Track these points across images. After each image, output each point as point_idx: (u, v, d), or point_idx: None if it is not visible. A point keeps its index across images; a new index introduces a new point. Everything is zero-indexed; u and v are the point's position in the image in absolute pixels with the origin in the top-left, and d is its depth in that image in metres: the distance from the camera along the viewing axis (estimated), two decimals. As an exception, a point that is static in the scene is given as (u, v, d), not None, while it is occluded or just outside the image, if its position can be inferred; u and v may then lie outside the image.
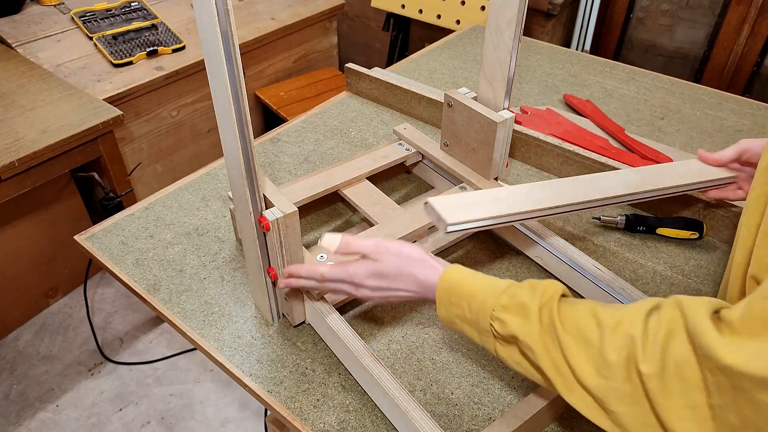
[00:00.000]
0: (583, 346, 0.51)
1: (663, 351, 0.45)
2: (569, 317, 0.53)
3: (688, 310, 0.45)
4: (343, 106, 1.20)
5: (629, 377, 0.47)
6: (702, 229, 0.88)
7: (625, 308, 0.51)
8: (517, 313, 0.55)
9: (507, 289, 0.57)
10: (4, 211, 1.56)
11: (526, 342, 0.54)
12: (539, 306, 0.54)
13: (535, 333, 0.53)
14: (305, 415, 0.67)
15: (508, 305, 0.55)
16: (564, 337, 0.51)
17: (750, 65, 2.02)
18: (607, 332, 0.49)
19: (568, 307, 0.54)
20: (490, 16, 0.78)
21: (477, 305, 0.57)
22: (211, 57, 0.54)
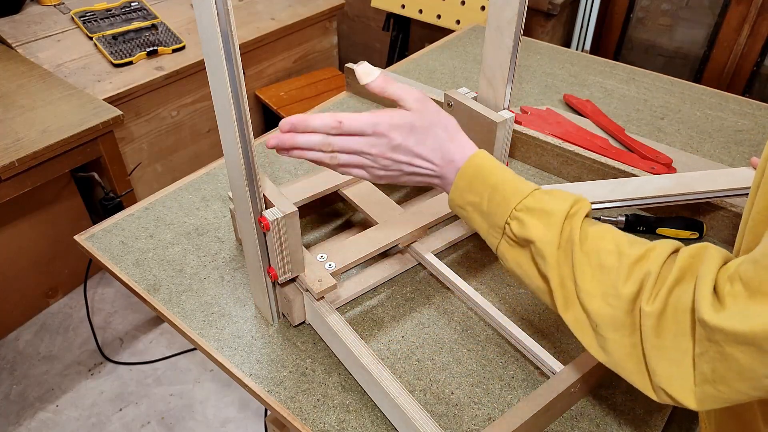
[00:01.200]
0: (597, 270, 0.50)
1: (668, 293, 0.46)
2: (591, 237, 0.52)
3: (707, 260, 0.45)
4: (343, 106, 1.20)
5: (631, 310, 0.48)
6: (702, 229, 0.88)
7: (651, 246, 0.50)
8: (540, 218, 0.53)
9: (534, 192, 0.55)
10: (4, 211, 1.56)
11: (541, 249, 0.52)
12: (565, 216, 0.52)
13: (553, 242, 0.52)
14: (305, 415, 0.67)
15: (532, 207, 0.53)
16: (579, 256, 0.51)
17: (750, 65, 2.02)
18: (626, 264, 0.49)
19: (593, 227, 0.53)
20: (490, 16, 0.78)
21: (499, 198, 0.55)
22: (211, 57, 0.54)
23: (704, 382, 0.45)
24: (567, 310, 0.52)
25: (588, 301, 0.50)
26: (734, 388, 0.43)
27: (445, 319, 0.78)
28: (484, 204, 0.56)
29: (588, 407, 0.68)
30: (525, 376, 0.71)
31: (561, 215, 0.52)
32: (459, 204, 0.59)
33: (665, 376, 0.47)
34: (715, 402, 0.45)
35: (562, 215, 0.52)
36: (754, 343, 0.40)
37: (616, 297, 0.48)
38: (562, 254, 0.52)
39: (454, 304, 0.80)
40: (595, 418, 0.67)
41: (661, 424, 0.66)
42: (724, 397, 0.44)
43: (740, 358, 0.41)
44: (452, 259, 0.87)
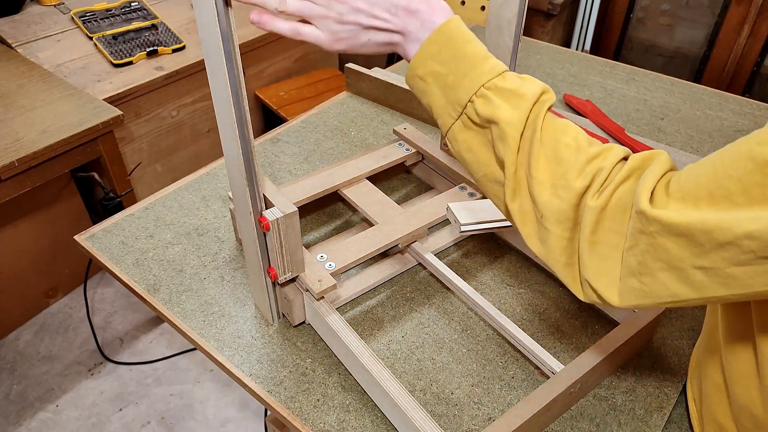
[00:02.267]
0: (552, 162, 0.49)
1: (613, 190, 0.47)
2: (553, 129, 0.50)
3: (654, 163, 0.46)
4: (343, 106, 1.20)
5: (578, 204, 0.48)
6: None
7: (608, 146, 0.50)
8: (509, 100, 0.50)
9: (505, 72, 0.52)
10: (4, 211, 1.56)
11: (505, 131, 0.50)
12: (534, 102, 0.50)
13: (518, 126, 0.50)
14: (305, 415, 0.67)
15: (502, 87, 0.50)
16: (537, 145, 0.50)
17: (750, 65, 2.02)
18: (582, 159, 0.48)
19: (555, 120, 0.51)
20: (490, 16, 0.78)
21: (467, 71, 0.51)
22: (211, 57, 0.54)
23: (629, 275, 0.46)
24: (514, 199, 0.51)
25: (538, 191, 0.49)
26: (659, 280, 0.44)
27: (445, 319, 0.78)
28: (450, 76, 0.51)
29: (588, 407, 0.68)
30: (525, 376, 0.71)
31: (531, 100, 0.50)
32: (419, 74, 0.53)
33: (593, 270, 0.48)
34: (637, 297, 0.46)
35: (531, 100, 0.50)
36: (687, 234, 0.41)
37: (567, 189, 0.48)
38: (523, 140, 0.50)
39: (454, 304, 0.80)
40: (595, 418, 0.67)
41: (661, 423, 0.66)
42: (646, 290, 0.45)
43: (671, 248, 0.42)
44: (452, 259, 0.87)
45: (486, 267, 0.85)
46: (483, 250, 0.88)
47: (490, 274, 0.84)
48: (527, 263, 0.86)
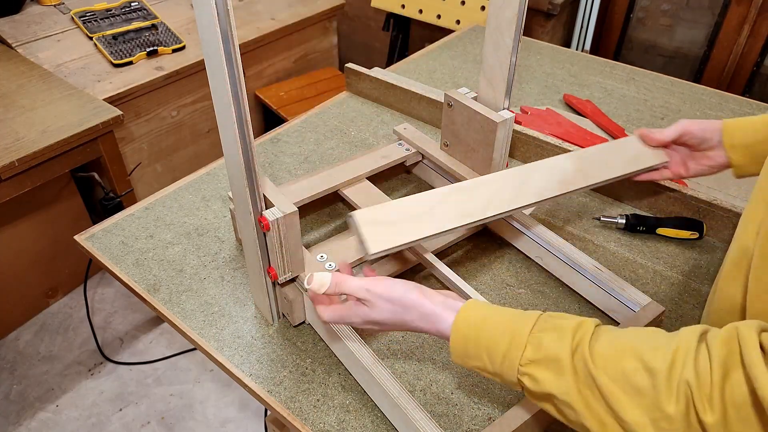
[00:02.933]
0: (633, 396, 0.44)
1: (721, 395, 0.41)
2: (610, 361, 0.46)
3: (742, 339, 0.41)
4: (343, 106, 1.20)
5: (689, 426, 0.42)
6: (702, 229, 0.88)
7: (674, 347, 0.45)
8: (547, 367, 0.48)
9: (530, 336, 0.50)
10: (4, 211, 1.56)
11: (563, 400, 0.48)
12: (571, 353, 0.48)
13: (572, 389, 0.47)
14: (305, 415, 0.67)
15: (535, 359, 0.49)
16: (607, 387, 0.45)
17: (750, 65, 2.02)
18: (661, 379, 0.43)
19: (606, 348, 0.47)
20: (490, 16, 0.78)
21: (499, 358, 0.51)
22: (211, 57, 0.54)
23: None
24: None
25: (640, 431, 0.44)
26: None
27: (445, 319, 0.77)
28: (488, 366, 0.52)
29: (588, 407, 0.68)
30: (525, 376, 0.71)
31: (567, 355, 0.48)
32: (466, 367, 0.55)
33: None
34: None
35: (568, 354, 0.48)
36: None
37: (667, 419, 0.43)
38: (589, 394, 0.47)
39: (454, 304, 0.80)
40: (595, 418, 0.67)
41: (661, 424, 0.66)
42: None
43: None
44: (452, 259, 0.87)
45: (486, 267, 0.85)
46: (483, 250, 0.88)
47: (490, 274, 0.84)
48: (527, 263, 0.86)
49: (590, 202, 0.97)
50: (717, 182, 1.02)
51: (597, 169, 0.79)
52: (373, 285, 0.58)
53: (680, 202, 0.90)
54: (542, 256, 0.83)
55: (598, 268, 0.76)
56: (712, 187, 1.01)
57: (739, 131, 0.75)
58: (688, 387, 0.42)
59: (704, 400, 0.41)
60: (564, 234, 0.91)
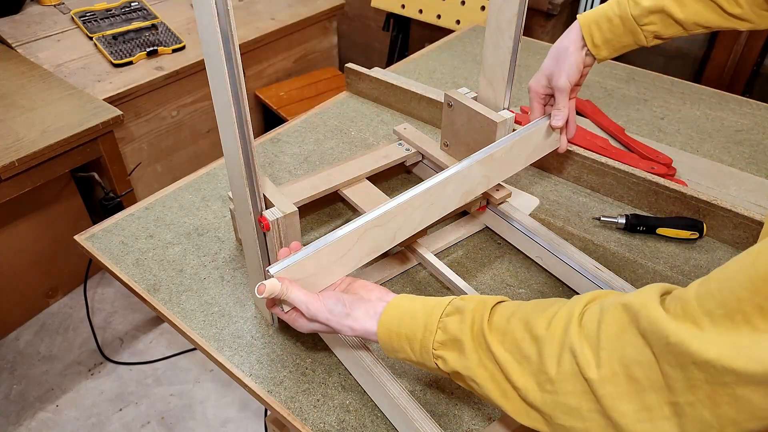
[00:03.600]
0: (523, 363, 0.48)
1: (611, 353, 0.43)
2: (506, 334, 0.50)
3: (637, 305, 0.43)
4: (343, 106, 1.20)
5: (575, 389, 0.45)
6: (702, 229, 0.88)
7: (559, 312, 0.48)
8: (453, 348, 0.53)
9: (440, 321, 0.54)
10: (4, 211, 1.56)
11: (468, 375, 0.52)
12: (470, 332, 0.52)
13: (474, 364, 0.51)
14: (305, 415, 0.67)
15: (443, 341, 0.53)
16: (503, 357, 0.49)
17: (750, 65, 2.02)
18: (545, 344, 0.47)
19: (502, 322, 0.51)
20: (490, 16, 0.78)
21: (418, 347, 0.55)
22: (211, 57, 0.54)
23: (709, 429, 0.40)
24: (522, 415, 0.50)
25: (531, 397, 0.48)
26: (744, 429, 0.39)
27: (445, 319, 0.77)
28: (412, 356, 0.56)
29: (588, 407, 0.68)
30: (525, 376, 0.71)
31: (467, 334, 0.52)
32: (396, 358, 0.59)
33: None
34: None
35: (468, 334, 0.52)
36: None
37: (549, 381, 0.46)
38: (490, 365, 0.50)
39: (454, 304, 0.80)
40: (595, 418, 0.67)
41: (661, 424, 0.66)
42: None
43: (754, 398, 0.37)
44: (452, 259, 0.87)
45: (486, 267, 0.85)
46: (483, 250, 0.88)
47: (490, 274, 0.84)
48: (527, 263, 0.86)
49: (590, 202, 0.97)
50: (717, 182, 1.02)
51: (501, 169, 0.80)
52: (311, 301, 0.60)
53: (680, 202, 0.90)
54: (542, 256, 0.83)
55: (598, 268, 0.76)
56: (711, 187, 1.01)
57: (597, 33, 0.79)
58: (572, 348, 0.45)
59: (590, 357, 0.44)
60: (564, 234, 0.91)
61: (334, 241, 0.63)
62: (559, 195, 0.98)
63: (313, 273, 0.62)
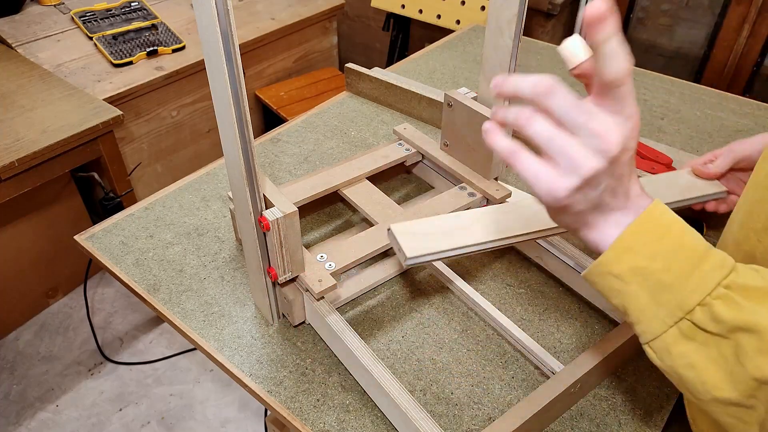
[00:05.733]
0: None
1: None
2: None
3: None
4: (343, 106, 1.20)
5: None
6: (702, 229, 0.88)
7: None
8: (763, 301, 0.39)
9: (738, 265, 0.41)
10: (4, 211, 1.56)
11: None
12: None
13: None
14: (305, 415, 0.67)
15: (749, 286, 0.39)
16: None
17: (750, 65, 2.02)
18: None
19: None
20: (490, 16, 0.78)
21: (689, 267, 0.40)
22: (211, 57, 0.54)
23: None
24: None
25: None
26: None
27: (445, 319, 0.78)
28: (665, 274, 0.41)
29: (588, 407, 0.68)
30: (525, 376, 0.71)
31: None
32: (615, 271, 0.42)
33: None
34: None
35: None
36: None
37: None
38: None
39: (454, 304, 0.80)
40: (595, 418, 0.67)
41: (661, 424, 0.66)
42: None
43: None
44: (452, 259, 0.87)
45: (486, 267, 0.85)
46: (483, 250, 0.88)
47: (490, 274, 0.84)
48: (527, 263, 0.86)
49: (590, 202, 0.97)
50: (717, 182, 1.02)
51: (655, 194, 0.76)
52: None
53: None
54: (542, 256, 0.83)
55: (598, 268, 0.76)
56: (712, 187, 1.01)
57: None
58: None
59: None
60: (564, 234, 0.90)
61: (458, 212, 0.67)
62: (559, 195, 0.98)
63: (433, 233, 0.63)
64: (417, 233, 0.65)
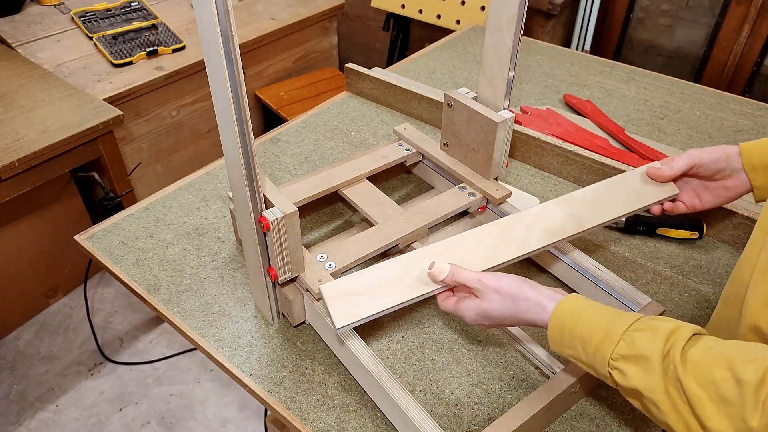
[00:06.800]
0: (719, 405, 0.45)
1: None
2: (700, 368, 0.47)
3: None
4: (343, 106, 1.20)
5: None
6: (702, 229, 0.88)
7: (766, 360, 0.44)
8: (637, 364, 0.50)
9: (625, 334, 0.52)
10: (4, 211, 1.56)
11: (650, 397, 0.49)
12: (661, 355, 0.49)
13: (659, 388, 0.48)
14: (305, 415, 0.67)
15: (626, 354, 0.51)
16: (694, 392, 0.46)
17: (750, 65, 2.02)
18: (749, 391, 0.43)
19: (699, 355, 0.47)
20: (490, 16, 0.78)
21: (592, 350, 0.54)
22: (211, 57, 0.54)
23: None
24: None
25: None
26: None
27: (445, 319, 0.78)
28: (582, 356, 0.55)
29: (588, 407, 0.68)
30: (525, 376, 0.71)
31: (658, 355, 0.49)
32: (562, 355, 0.58)
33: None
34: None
35: (659, 355, 0.49)
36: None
37: (749, 430, 0.43)
38: (676, 396, 0.47)
39: (454, 304, 0.79)
40: (595, 418, 0.67)
41: (661, 424, 0.66)
42: None
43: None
44: (452, 259, 0.86)
45: (486, 267, 0.85)
46: (483, 250, 0.88)
47: (490, 274, 0.84)
48: (527, 263, 0.86)
49: (590, 202, 0.97)
50: (717, 182, 1.02)
51: (593, 213, 0.74)
52: (485, 277, 0.62)
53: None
54: (542, 256, 0.83)
55: (598, 268, 0.76)
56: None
57: (757, 152, 0.71)
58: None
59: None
60: (564, 234, 0.90)
61: (390, 261, 0.66)
62: (559, 195, 0.98)
63: (364, 291, 0.64)
64: (348, 294, 0.64)
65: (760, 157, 0.71)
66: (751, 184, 0.72)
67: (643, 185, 0.77)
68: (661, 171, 0.76)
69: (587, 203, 0.75)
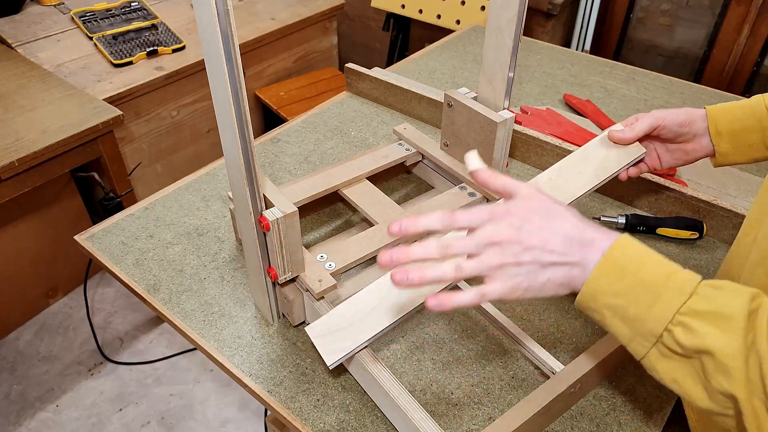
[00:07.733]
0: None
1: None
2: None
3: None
4: (343, 106, 1.20)
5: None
6: (702, 229, 0.88)
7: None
8: (716, 324, 0.43)
9: (700, 287, 0.44)
10: (4, 211, 1.56)
11: (724, 363, 0.42)
12: (746, 317, 0.42)
13: (738, 355, 0.41)
14: (305, 415, 0.67)
15: (701, 310, 0.43)
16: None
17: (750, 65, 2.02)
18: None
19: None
20: (490, 16, 0.78)
21: (651, 299, 0.45)
22: (211, 57, 0.54)
23: None
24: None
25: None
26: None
27: (445, 319, 0.78)
28: (631, 307, 0.46)
29: (588, 407, 0.68)
30: (525, 376, 0.71)
31: (742, 317, 0.42)
32: (592, 307, 0.48)
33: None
34: None
35: (743, 317, 0.42)
36: None
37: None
38: (751, 368, 0.41)
39: (454, 304, 0.80)
40: (595, 418, 0.67)
41: (661, 424, 0.66)
42: None
43: None
44: (452, 259, 0.86)
45: (486, 267, 0.85)
46: (483, 250, 0.88)
47: (490, 274, 0.84)
48: (527, 263, 0.86)
49: (590, 202, 0.97)
50: (717, 182, 1.02)
51: (562, 193, 0.74)
52: (531, 186, 0.53)
53: (680, 202, 0.90)
54: (542, 256, 0.83)
55: (598, 268, 0.76)
56: (711, 187, 1.01)
57: (724, 117, 0.70)
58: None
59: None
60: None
61: (369, 288, 0.66)
62: (559, 195, 0.98)
63: (348, 324, 0.64)
64: (333, 330, 0.65)
65: (727, 122, 0.70)
66: (715, 149, 0.72)
67: (608, 152, 0.76)
68: (623, 134, 0.74)
69: (553, 185, 0.74)
